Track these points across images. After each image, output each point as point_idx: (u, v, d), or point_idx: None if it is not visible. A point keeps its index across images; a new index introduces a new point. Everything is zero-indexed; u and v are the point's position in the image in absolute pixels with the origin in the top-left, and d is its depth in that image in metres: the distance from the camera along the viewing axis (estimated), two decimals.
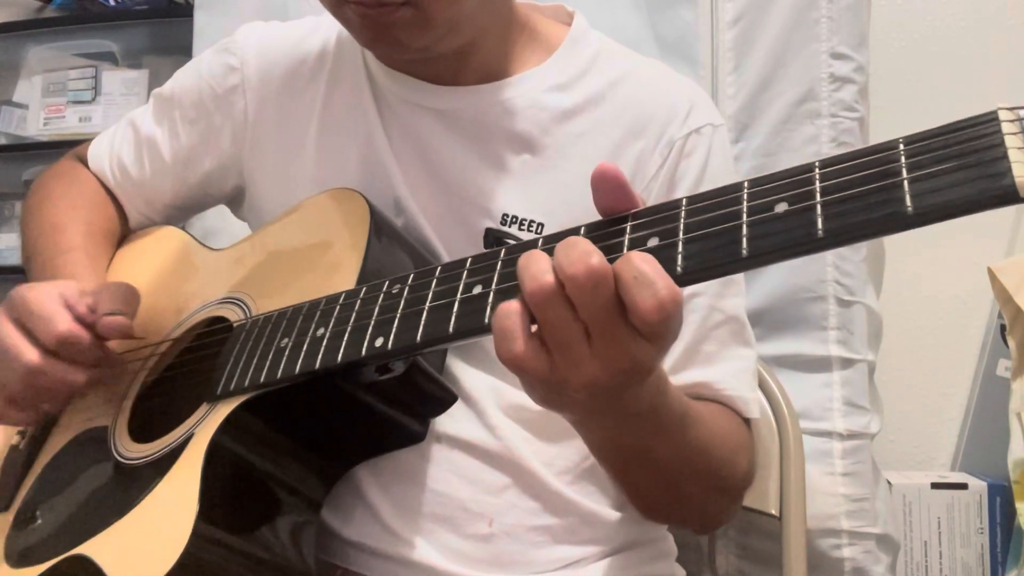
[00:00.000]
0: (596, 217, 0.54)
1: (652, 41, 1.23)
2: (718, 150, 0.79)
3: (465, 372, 0.75)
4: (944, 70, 1.44)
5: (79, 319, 0.71)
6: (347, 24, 0.73)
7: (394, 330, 0.58)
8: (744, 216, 0.46)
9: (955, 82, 1.43)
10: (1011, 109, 0.42)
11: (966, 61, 1.43)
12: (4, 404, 0.73)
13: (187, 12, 1.47)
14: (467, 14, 0.72)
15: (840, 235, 0.44)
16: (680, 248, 0.48)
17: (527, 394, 0.54)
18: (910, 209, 0.42)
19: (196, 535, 0.57)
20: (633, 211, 0.52)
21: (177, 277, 0.85)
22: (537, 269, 0.49)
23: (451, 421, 0.73)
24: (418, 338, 0.56)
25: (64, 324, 0.70)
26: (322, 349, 0.62)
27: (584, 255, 0.48)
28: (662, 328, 0.49)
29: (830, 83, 1.16)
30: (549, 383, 0.52)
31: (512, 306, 0.50)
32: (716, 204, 0.48)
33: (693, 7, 1.21)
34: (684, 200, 0.50)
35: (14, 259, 1.66)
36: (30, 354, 0.70)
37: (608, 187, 0.53)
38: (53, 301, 0.71)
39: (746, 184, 0.47)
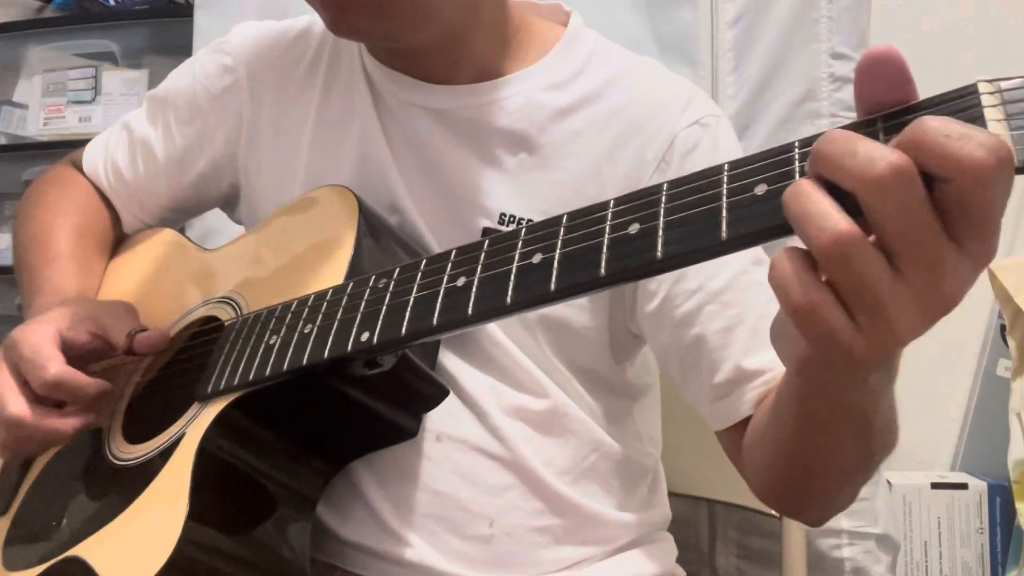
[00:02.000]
0: None
1: (652, 41, 1.23)
2: (725, 136, 0.78)
3: (465, 372, 0.75)
4: (944, 70, 1.43)
5: (81, 355, 0.70)
6: (315, 8, 0.73)
7: (379, 324, 0.58)
8: (724, 199, 0.45)
9: (955, 82, 1.42)
10: (990, 81, 0.41)
11: (966, 61, 1.43)
12: None
13: (187, 12, 1.48)
14: (430, 4, 0.71)
15: None
16: (660, 234, 0.46)
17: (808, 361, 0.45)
18: None
19: (186, 535, 0.57)
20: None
21: (172, 278, 0.84)
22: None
23: (452, 421, 0.73)
24: (403, 331, 0.56)
25: (53, 369, 0.68)
26: (309, 345, 0.62)
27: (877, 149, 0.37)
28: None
29: (830, 83, 1.16)
30: (837, 345, 0.41)
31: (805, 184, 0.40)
32: (696, 188, 0.46)
33: (693, 7, 1.21)
34: (665, 185, 0.48)
35: None
36: (12, 405, 0.69)
37: (889, 71, 0.42)
38: (46, 343, 0.69)
39: (726, 167, 0.46)
